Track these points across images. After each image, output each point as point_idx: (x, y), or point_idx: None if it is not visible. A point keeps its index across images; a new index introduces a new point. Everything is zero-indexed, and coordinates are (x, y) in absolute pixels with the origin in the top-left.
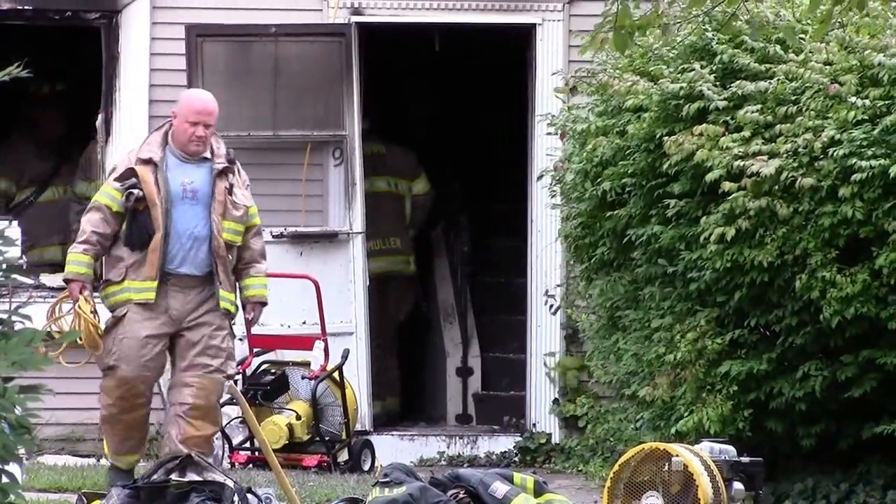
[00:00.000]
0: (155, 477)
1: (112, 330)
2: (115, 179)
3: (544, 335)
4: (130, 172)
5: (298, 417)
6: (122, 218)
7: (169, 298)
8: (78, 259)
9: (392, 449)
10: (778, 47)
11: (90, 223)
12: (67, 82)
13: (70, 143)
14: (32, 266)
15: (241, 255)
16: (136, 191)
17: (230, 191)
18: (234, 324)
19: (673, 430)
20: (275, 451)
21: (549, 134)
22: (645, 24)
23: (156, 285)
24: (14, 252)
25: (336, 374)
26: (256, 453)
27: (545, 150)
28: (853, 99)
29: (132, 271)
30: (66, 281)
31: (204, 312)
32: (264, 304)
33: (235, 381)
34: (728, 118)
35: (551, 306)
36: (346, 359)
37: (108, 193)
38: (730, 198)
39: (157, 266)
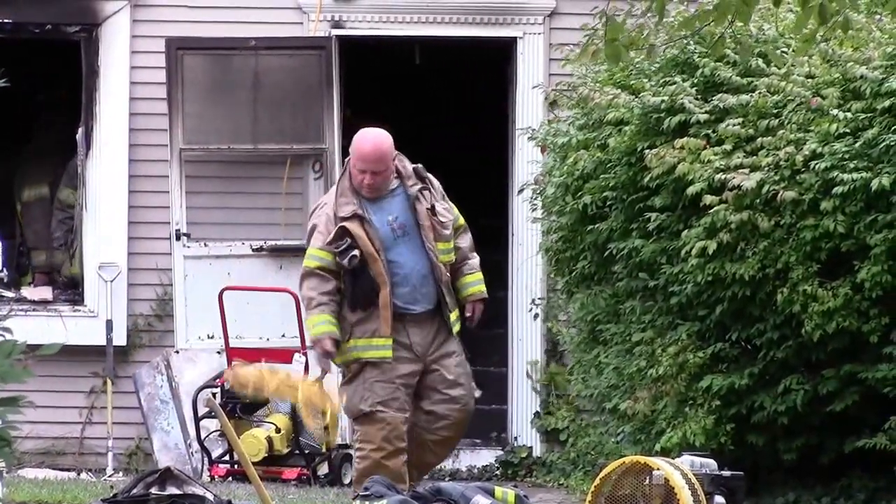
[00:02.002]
0: (135, 491)
1: (358, 376)
2: (328, 243)
3: (525, 349)
4: (343, 232)
5: (278, 430)
6: (336, 275)
7: (411, 336)
8: (318, 320)
9: None
10: (760, 60)
11: (312, 289)
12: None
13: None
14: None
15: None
16: (356, 251)
17: (433, 210)
18: None
19: (658, 447)
20: (254, 464)
21: (530, 142)
22: (629, 44)
23: (391, 342)
24: None
25: None
26: (236, 466)
27: (526, 163)
28: (835, 112)
29: (358, 329)
30: (315, 342)
31: (443, 342)
32: (485, 299)
33: (214, 395)
34: (709, 131)
35: (536, 315)
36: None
37: (317, 257)
38: (711, 211)
39: (391, 322)
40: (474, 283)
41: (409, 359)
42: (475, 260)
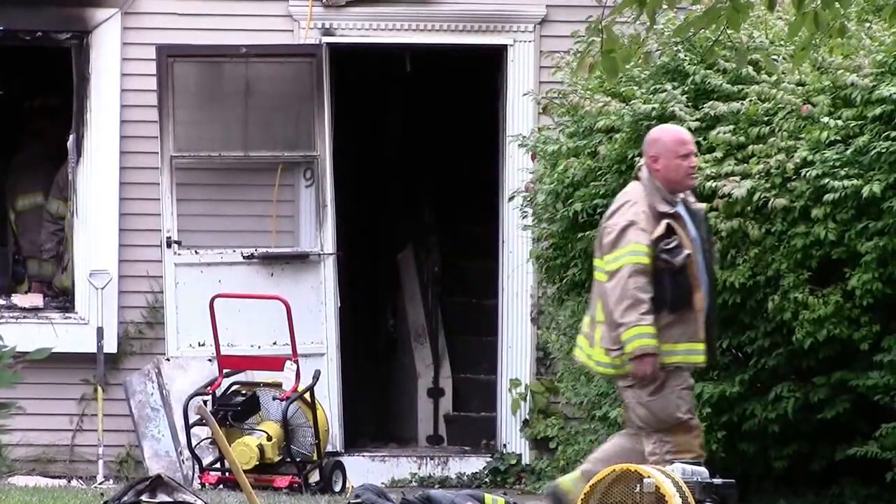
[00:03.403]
0: (125, 498)
1: (665, 385)
2: (657, 239)
3: (515, 356)
4: (671, 229)
5: (269, 438)
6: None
7: None
8: (648, 331)
9: (363, 470)
10: (751, 68)
11: (641, 290)
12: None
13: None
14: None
15: None
16: (686, 250)
17: (709, 230)
18: None
19: None
20: (245, 471)
21: (521, 149)
22: (627, 55)
23: (704, 347)
24: None
25: (307, 395)
26: (227, 474)
27: (517, 170)
28: (826, 119)
29: (671, 333)
30: (641, 355)
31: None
32: None
33: (206, 402)
34: (700, 139)
35: (533, 318)
36: (317, 380)
37: (644, 253)
38: None
39: (703, 325)
40: None
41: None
42: None
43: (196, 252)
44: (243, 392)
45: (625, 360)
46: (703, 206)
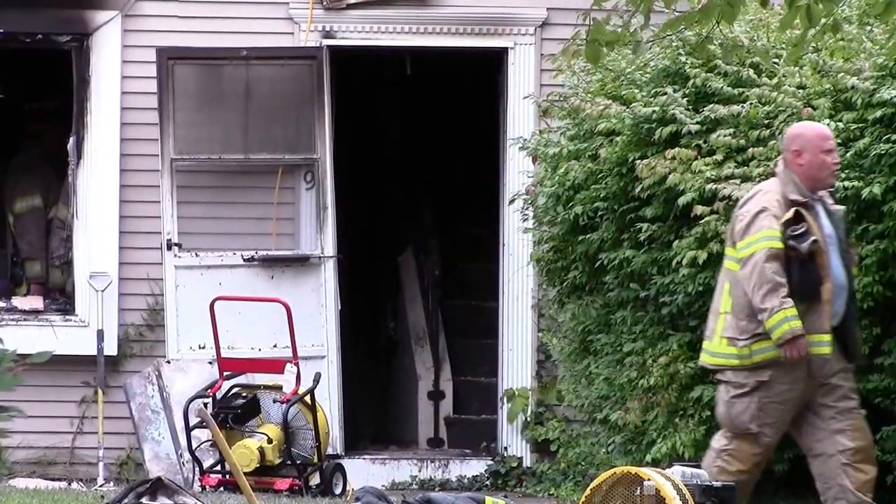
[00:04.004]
0: (126, 501)
1: (754, 391)
2: (785, 224)
3: (516, 359)
4: (799, 215)
5: (270, 441)
6: None
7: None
8: (792, 313)
9: (364, 473)
10: (751, 71)
11: (777, 273)
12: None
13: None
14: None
15: None
16: (814, 237)
17: (847, 231)
18: None
19: (648, 457)
20: (246, 474)
21: (521, 152)
22: (615, 40)
23: (830, 338)
24: None
25: (308, 398)
26: (227, 476)
27: (517, 173)
28: (826, 122)
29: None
30: (791, 338)
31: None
32: None
33: (206, 405)
34: (701, 142)
35: (534, 320)
36: (317, 382)
37: (776, 237)
38: (702, 221)
39: (830, 317)
40: None
41: (804, 386)
42: None
43: (196, 254)
44: (244, 394)
45: (754, 349)
46: (842, 208)
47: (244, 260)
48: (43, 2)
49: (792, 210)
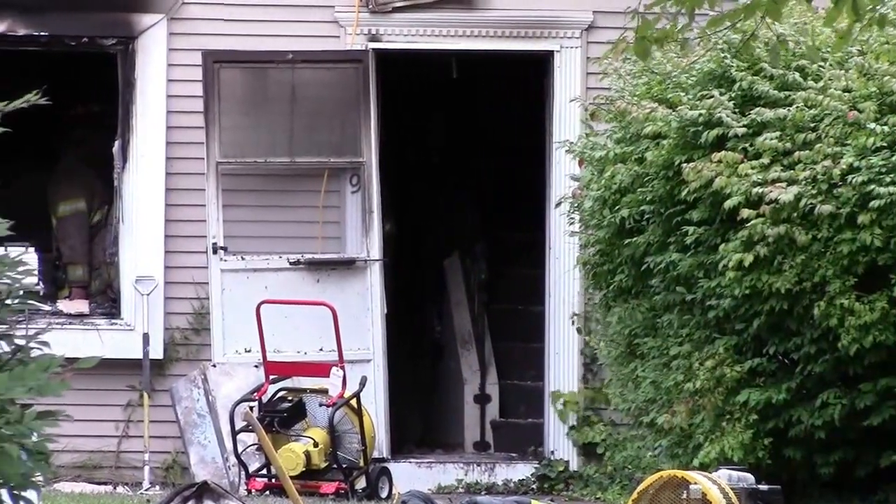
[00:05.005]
0: None
1: None
2: None
3: (562, 362)
4: None
5: (316, 444)
6: None
7: None
8: None
9: (410, 476)
10: (797, 74)
11: None
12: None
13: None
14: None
15: None
16: None
17: None
18: None
19: (695, 461)
20: (292, 478)
21: (568, 155)
22: (663, 37)
23: None
24: (31, 279)
25: (353, 402)
26: (273, 480)
27: (563, 176)
28: (872, 125)
29: None
30: None
31: None
32: None
33: (252, 408)
34: (747, 145)
35: (579, 329)
36: (363, 386)
37: None
38: (748, 225)
39: None
40: None
41: None
42: None
43: (242, 258)
44: (289, 398)
45: None
46: None
47: (290, 263)
48: (88, 5)
49: None
